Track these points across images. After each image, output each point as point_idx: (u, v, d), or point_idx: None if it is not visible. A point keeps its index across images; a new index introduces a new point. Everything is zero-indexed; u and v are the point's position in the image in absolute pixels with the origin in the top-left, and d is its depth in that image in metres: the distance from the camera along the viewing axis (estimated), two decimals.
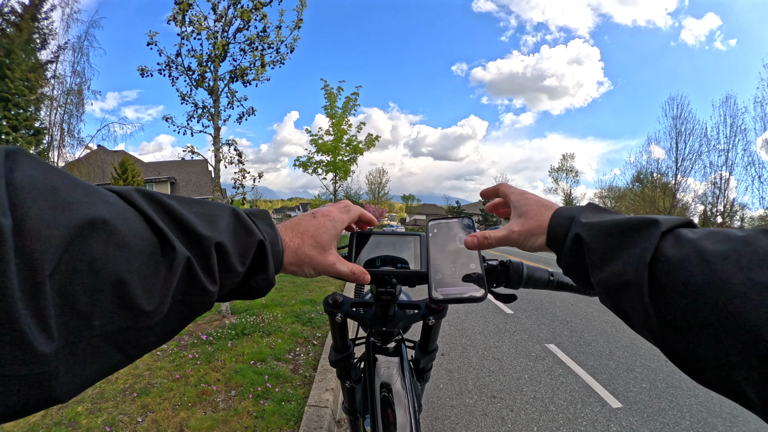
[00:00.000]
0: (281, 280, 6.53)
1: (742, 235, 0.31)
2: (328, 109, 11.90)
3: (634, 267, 0.35)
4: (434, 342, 0.92)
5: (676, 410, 2.95)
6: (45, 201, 0.23)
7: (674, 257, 0.33)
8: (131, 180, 18.74)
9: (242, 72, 4.10)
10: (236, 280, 0.40)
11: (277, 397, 2.58)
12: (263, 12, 4.00)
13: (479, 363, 3.64)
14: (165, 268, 0.31)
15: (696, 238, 0.33)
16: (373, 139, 12.46)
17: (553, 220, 0.49)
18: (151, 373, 2.97)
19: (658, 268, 0.33)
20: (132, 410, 2.47)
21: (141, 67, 4.05)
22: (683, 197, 23.22)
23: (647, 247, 0.35)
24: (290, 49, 4.23)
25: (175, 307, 0.32)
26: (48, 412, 2.47)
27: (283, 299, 5.17)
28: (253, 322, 4.00)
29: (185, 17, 3.84)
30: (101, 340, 0.27)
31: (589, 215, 0.45)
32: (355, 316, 0.80)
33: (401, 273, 0.65)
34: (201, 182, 26.12)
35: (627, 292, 0.36)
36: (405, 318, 0.80)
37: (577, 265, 0.45)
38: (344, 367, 0.90)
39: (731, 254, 0.29)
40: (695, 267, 0.31)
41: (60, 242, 0.23)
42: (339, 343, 0.87)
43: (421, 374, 0.99)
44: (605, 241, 0.40)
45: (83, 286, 0.24)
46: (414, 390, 0.83)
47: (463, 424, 2.61)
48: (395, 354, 0.83)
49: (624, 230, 0.38)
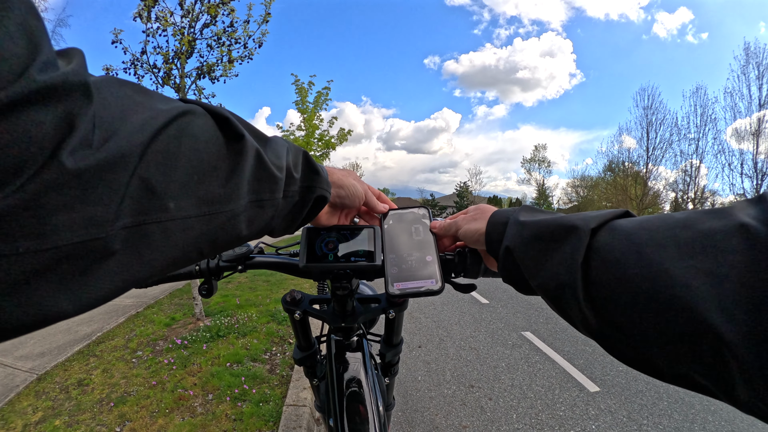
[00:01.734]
0: (255, 278, 6.46)
1: (682, 217, 0.29)
2: (299, 104, 11.72)
3: (566, 268, 0.34)
4: (398, 335, 0.92)
5: (653, 392, 3.05)
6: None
7: (607, 252, 0.31)
8: None
9: (209, 68, 3.99)
10: (294, 188, 0.42)
11: (254, 398, 2.57)
12: (231, 6, 3.89)
13: (456, 353, 3.70)
14: (236, 154, 0.33)
15: (630, 228, 0.31)
16: (346, 133, 12.37)
17: (489, 226, 0.48)
18: (127, 381, 2.90)
19: (591, 266, 0.32)
20: (110, 420, 2.42)
21: (106, 66, 3.90)
22: (654, 185, 24.07)
23: (577, 245, 0.34)
24: (258, 44, 4.14)
25: (250, 208, 0.35)
26: (26, 428, 2.40)
27: (258, 299, 5.10)
28: (227, 324, 3.94)
29: (151, 13, 3.71)
30: (176, 225, 0.27)
31: (521, 220, 0.44)
32: (313, 313, 0.79)
33: (355, 267, 0.63)
34: None
35: (564, 294, 0.35)
36: (364, 312, 0.79)
37: (514, 274, 0.43)
38: (309, 365, 0.90)
39: (668, 241, 0.28)
40: (630, 259, 0.29)
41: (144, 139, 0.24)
42: (302, 341, 0.86)
43: (388, 368, 0.99)
44: (535, 247, 0.39)
45: (159, 169, 0.25)
46: (379, 385, 0.84)
47: (443, 414, 2.66)
48: (357, 350, 0.83)
49: (553, 232, 0.38)
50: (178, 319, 4.28)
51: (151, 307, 4.96)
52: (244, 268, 0.74)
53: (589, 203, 30.66)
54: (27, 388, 2.94)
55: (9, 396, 2.82)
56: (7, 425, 2.46)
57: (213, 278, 0.74)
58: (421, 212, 0.64)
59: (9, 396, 2.82)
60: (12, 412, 2.60)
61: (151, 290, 5.86)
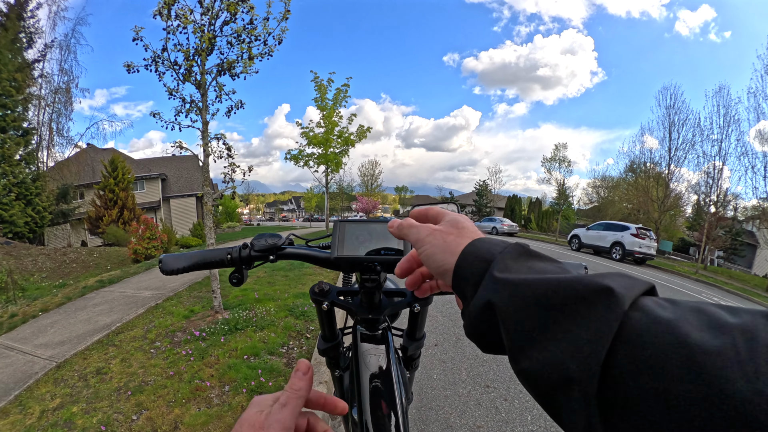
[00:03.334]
0: (274, 273, 6.52)
1: (737, 322, 0.22)
2: (318, 101, 11.87)
3: (580, 360, 0.25)
4: (422, 329, 0.93)
5: None
6: None
7: (641, 349, 0.23)
8: (121, 178, 18.51)
9: (229, 65, 4.04)
10: None
11: (270, 390, 2.58)
12: (250, 4, 3.94)
13: (473, 353, 3.65)
14: None
15: (672, 319, 0.23)
16: (365, 130, 12.45)
17: (462, 258, 0.37)
18: (145, 371, 2.96)
19: (615, 364, 0.24)
20: (127, 408, 2.47)
21: (127, 63, 3.99)
22: (676, 187, 23.36)
23: (603, 331, 0.24)
24: (278, 41, 4.17)
25: None
26: (44, 413, 2.47)
27: (276, 293, 5.15)
28: (246, 317, 3.99)
29: (171, 11, 3.77)
30: None
31: (511, 264, 0.33)
32: (341, 304, 0.80)
33: (385, 260, 0.66)
34: (192, 178, 25.90)
35: (565, 391, 0.26)
36: (391, 305, 0.80)
37: (487, 335, 0.34)
38: (333, 356, 0.91)
39: (728, 352, 0.21)
40: (676, 365, 0.21)
41: None
42: (327, 331, 0.87)
43: (409, 362, 1.00)
44: (534, 316, 0.29)
45: None
46: (401, 377, 0.83)
47: (457, 413, 2.62)
48: (382, 342, 0.82)
49: (564, 300, 0.27)
50: (196, 312, 4.36)
51: (171, 299, 5.07)
52: (276, 259, 0.76)
53: (610, 204, 30.03)
54: (46, 375, 3.03)
55: (28, 383, 2.91)
56: (25, 410, 2.53)
57: (244, 267, 0.76)
58: (449, 207, 0.65)
59: (28, 383, 2.91)
60: (30, 398, 2.69)
61: (171, 283, 5.98)
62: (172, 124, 4.11)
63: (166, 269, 0.76)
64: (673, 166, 22.89)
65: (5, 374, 3.10)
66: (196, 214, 24.54)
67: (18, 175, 13.98)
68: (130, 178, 19.00)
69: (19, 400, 2.68)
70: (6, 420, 2.44)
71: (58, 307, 5.00)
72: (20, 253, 10.33)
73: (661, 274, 12.52)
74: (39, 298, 5.92)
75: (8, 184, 13.44)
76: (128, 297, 5.31)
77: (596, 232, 16.43)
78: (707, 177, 19.68)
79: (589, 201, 34.27)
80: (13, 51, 14.28)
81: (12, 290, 6.73)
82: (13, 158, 13.92)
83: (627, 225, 15.34)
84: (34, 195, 14.71)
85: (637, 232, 14.47)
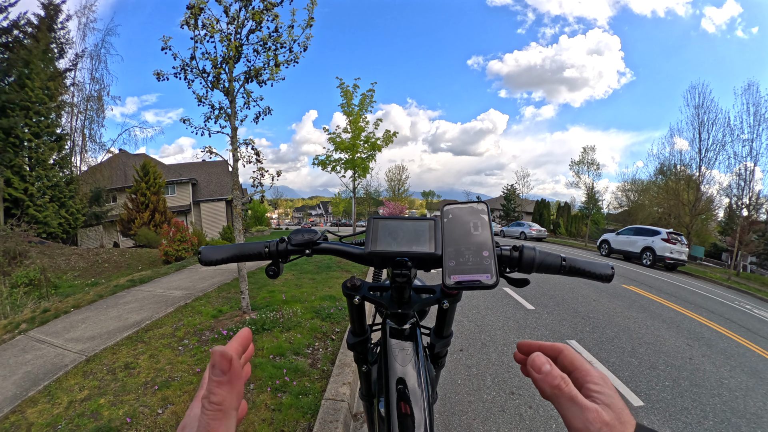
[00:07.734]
0: (301, 275, 6.61)
1: None
2: (344, 106, 11.97)
3: None
4: (449, 327, 0.93)
5: (699, 409, 2.86)
6: None
7: None
8: (153, 182, 19.18)
9: (257, 72, 4.15)
10: None
11: (294, 390, 2.62)
12: (275, 12, 4.03)
13: (498, 359, 3.59)
14: None
15: None
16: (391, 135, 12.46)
17: None
18: (173, 367, 3.04)
19: None
20: (153, 402, 2.55)
21: (157, 71, 4.14)
22: (707, 190, 22.37)
23: None
24: (303, 48, 4.25)
25: None
26: (71, 404, 2.57)
27: (303, 295, 5.21)
28: (273, 318, 4.05)
29: (198, 21, 3.90)
30: None
31: None
32: (371, 298, 0.82)
33: (416, 255, 0.68)
34: (221, 182, 26.59)
35: None
36: (420, 301, 0.81)
37: None
38: (361, 350, 0.92)
39: None
40: None
41: None
42: (356, 326, 0.89)
43: (436, 360, 1.00)
44: None
45: None
46: (427, 373, 0.84)
47: (481, 419, 2.59)
48: (410, 338, 0.83)
49: None
50: (225, 312, 4.46)
51: (200, 299, 5.20)
52: (311, 253, 0.79)
53: (640, 208, 29.02)
54: (75, 368, 3.16)
55: (57, 374, 3.03)
56: (53, 400, 2.64)
57: (280, 260, 0.80)
58: (479, 207, 0.65)
59: (57, 374, 3.03)
60: (59, 389, 2.80)
61: (200, 283, 6.15)
62: (202, 130, 4.24)
63: (205, 260, 0.79)
64: (704, 168, 21.96)
65: (36, 365, 3.23)
66: (225, 218, 25.14)
67: (52, 178, 14.61)
68: (161, 182, 19.64)
69: (48, 390, 2.80)
70: (34, 408, 2.54)
71: (89, 304, 5.19)
72: (54, 253, 10.82)
73: (693, 281, 11.98)
74: (71, 295, 6.15)
75: (42, 187, 14.10)
76: (158, 296, 5.49)
77: (626, 237, 15.84)
78: (739, 179, 18.78)
79: (618, 205, 33.30)
80: (45, 61, 14.94)
81: (45, 287, 7.04)
82: (47, 162, 14.56)
83: (658, 229, 14.74)
84: (68, 197, 15.36)
85: (668, 237, 13.89)
